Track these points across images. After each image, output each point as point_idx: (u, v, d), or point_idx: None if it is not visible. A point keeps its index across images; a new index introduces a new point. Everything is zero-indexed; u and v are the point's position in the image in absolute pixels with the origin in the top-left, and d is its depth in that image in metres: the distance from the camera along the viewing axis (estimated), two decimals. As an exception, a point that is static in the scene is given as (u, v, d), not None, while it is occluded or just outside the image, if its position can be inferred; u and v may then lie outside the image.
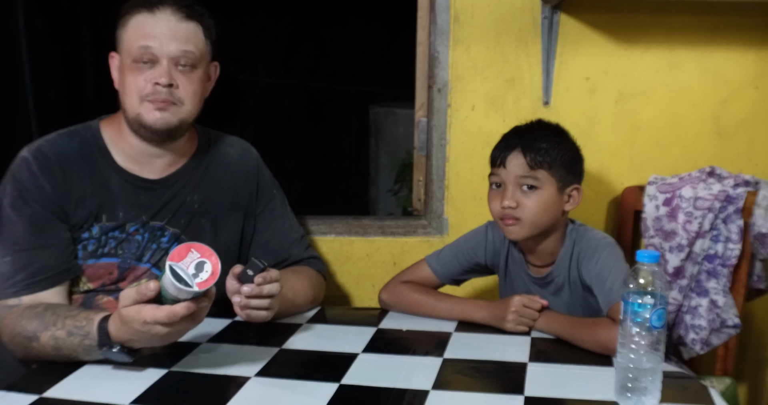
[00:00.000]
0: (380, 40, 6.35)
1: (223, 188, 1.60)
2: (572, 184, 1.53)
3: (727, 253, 1.76)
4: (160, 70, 1.41)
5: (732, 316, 1.76)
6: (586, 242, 1.52)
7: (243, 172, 1.65)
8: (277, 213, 1.69)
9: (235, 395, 1.15)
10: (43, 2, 3.96)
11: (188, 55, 1.43)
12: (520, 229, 1.50)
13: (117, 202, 1.49)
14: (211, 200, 1.58)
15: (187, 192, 1.55)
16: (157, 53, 1.41)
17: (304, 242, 1.73)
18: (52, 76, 4.00)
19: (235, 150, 1.66)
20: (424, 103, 2.01)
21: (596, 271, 1.46)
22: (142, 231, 1.51)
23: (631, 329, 1.09)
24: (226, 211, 1.60)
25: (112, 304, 1.46)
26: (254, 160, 1.69)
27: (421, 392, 1.16)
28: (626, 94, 1.95)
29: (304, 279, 1.62)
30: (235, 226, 1.62)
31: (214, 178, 1.60)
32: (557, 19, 1.89)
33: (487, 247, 1.65)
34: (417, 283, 1.64)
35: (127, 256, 1.49)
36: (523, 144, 1.50)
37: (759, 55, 1.94)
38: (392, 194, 4.05)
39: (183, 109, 1.45)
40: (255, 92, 6.36)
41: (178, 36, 1.42)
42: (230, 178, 1.62)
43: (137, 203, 1.50)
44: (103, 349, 1.23)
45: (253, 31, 6.21)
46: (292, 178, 6.10)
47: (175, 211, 1.54)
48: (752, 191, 1.75)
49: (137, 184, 1.51)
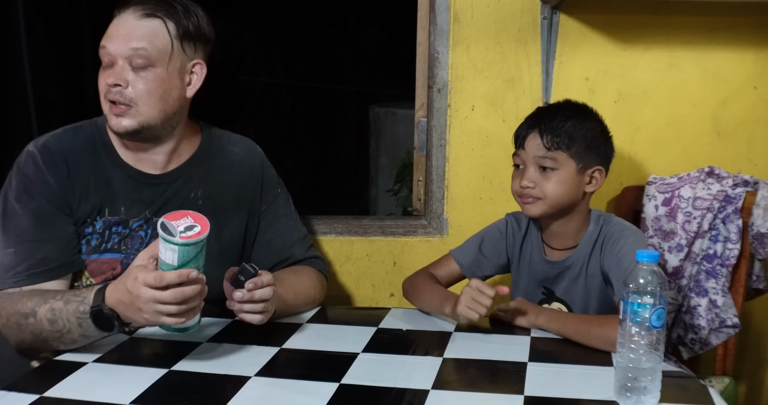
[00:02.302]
0: (380, 40, 6.35)
1: (226, 186, 1.60)
2: (594, 166, 1.53)
3: (726, 253, 1.76)
4: (113, 70, 1.41)
5: (731, 315, 1.76)
6: (613, 227, 1.52)
7: (247, 171, 1.64)
8: (280, 212, 1.69)
9: (235, 395, 1.15)
10: (43, 2, 3.96)
11: (140, 52, 1.40)
12: (537, 207, 1.51)
13: (119, 197, 1.49)
14: (214, 198, 1.58)
15: (190, 188, 1.55)
16: (112, 53, 1.41)
17: (307, 242, 1.73)
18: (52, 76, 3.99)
19: (240, 148, 1.66)
20: (424, 103, 2.01)
21: (618, 257, 1.46)
22: (145, 227, 1.51)
23: (630, 329, 1.09)
24: (230, 208, 1.60)
25: None
26: (259, 158, 1.68)
27: (421, 392, 1.17)
28: (626, 94, 1.96)
29: (304, 279, 1.62)
30: (238, 224, 1.62)
31: (217, 175, 1.60)
32: (557, 19, 1.89)
33: (507, 238, 1.65)
34: (432, 274, 1.65)
35: (130, 252, 1.50)
36: (541, 125, 1.51)
37: (758, 56, 1.94)
38: (392, 194, 4.05)
39: (140, 111, 1.43)
40: (255, 92, 6.36)
41: (133, 35, 1.41)
42: (234, 175, 1.62)
43: (139, 199, 1.50)
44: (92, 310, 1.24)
45: (254, 31, 6.21)
46: (292, 178, 6.10)
47: (178, 207, 1.52)
48: (751, 191, 1.75)
49: (140, 180, 1.51)
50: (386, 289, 2.04)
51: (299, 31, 6.25)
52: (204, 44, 1.51)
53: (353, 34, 6.38)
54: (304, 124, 6.41)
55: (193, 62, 1.49)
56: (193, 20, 1.47)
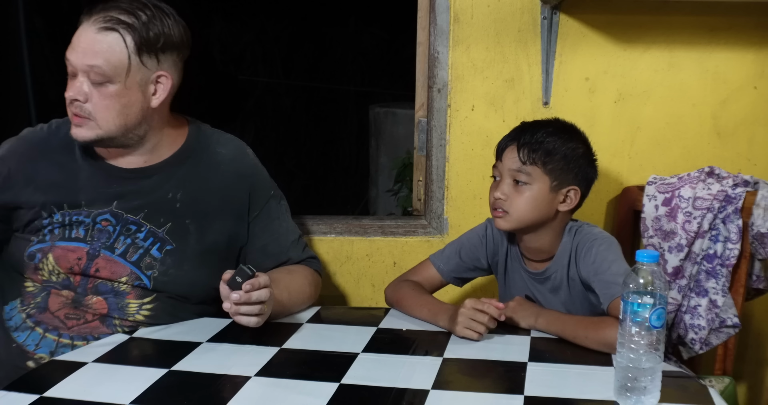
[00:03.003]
0: (380, 40, 6.35)
1: (211, 188, 1.57)
2: (570, 185, 1.52)
3: (726, 252, 1.76)
4: (72, 83, 1.43)
5: (731, 315, 1.76)
6: (583, 237, 1.52)
7: (234, 173, 1.60)
8: (273, 215, 1.66)
9: (235, 395, 1.15)
10: (43, 2, 3.96)
11: (95, 69, 1.40)
12: (506, 222, 1.51)
13: (83, 191, 1.49)
14: (197, 200, 1.54)
15: (168, 188, 1.52)
16: (75, 66, 1.42)
17: (302, 243, 1.71)
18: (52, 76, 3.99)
19: (228, 150, 1.62)
20: (424, 103, 2.01)
21: (594, 266, 1.46)
22: (113, 222, 1.49)
23: (630, 329, 1.09)
24: (214, 211, 1.56)
25: (102, 304, 1.46)
26: (248, 160, 1.65)
27: (421, 392, 1.17)
28: (626, 94, 1.96)
29: (299, 278, 1.61)
30: (222, 228, 1.57)
31: (201, 177, 1.56)
32: (557, 19, 1.89)
33: (487, 244, 1.65)
34: (416, 283, 1.64)
35: (96, 245, 1.47)
36: (521, 138, 1.51)
37: (758, 56, 1.94)
38: (392, 194, 4.05)
39: (98, 125, 1.44)
40: (255, 92, 6.35)
41: (90, 49, 1.40)
42: (220, 178, 1.58)
43: (106, 192, 1.49)
44: None
45: (254, 32, 6.21)
46: (292, 178, 6.09)
47: (153, 206, 1.51)
48: (751, 191, 1.75)
49: (111, 173, 1.51)
50: (386, 289, 2.04)
51: (299, 31, 6.24)
52: (172, 53, 1.46)
53: (353, 34, 6.37)
54: (304, 124, 6.40)
55: (156, 74, 1.46)
56: (157, 30, 1.42)
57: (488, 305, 1.40)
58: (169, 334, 1.43)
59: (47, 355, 1.43)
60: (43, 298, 1.46)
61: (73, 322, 1.45)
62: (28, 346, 1.44)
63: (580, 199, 1.54)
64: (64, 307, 1.45)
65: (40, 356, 1.43)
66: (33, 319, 1.45)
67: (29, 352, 1.44)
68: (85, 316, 1.45)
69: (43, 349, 1.44)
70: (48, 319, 1.45)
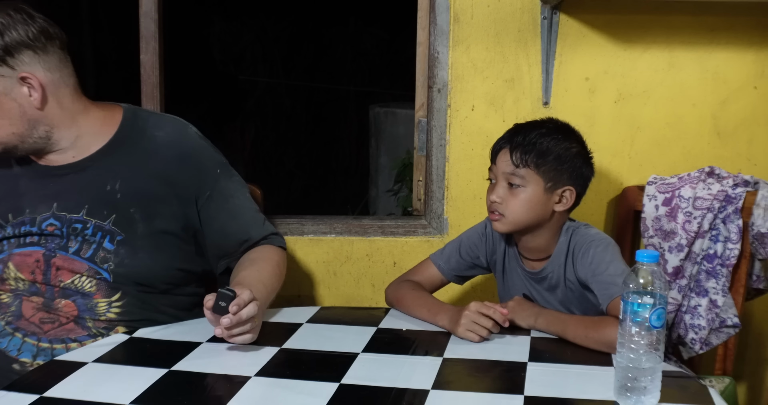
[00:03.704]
0: (380, 40, 6.36)
1: (150, 174, 1.51)
2: (565, 185, 1.51)
3: (726, 252, 1.76)
4: None
5: (731, 315, 1.76)
6: (580, 238, 1.52)
7: (175, 156, 1.54)
8: (226, 193, 1.58)
9: (235, 395, 1.15)
10: (43, 2, 3.96)
11: None
12: (502, 225, 1.52)
13: (24, 198, 1.48)
14: (137, 188, 1.50)
15: (105, 180, 1.49)
16: None
17: (260, 217, 1.63)
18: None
19: (166, 132, 1.56)
20: (424, 103, 2.01)
21: (591, 267, 1.46)
22: (59, 225, 1.46)
23: (630, 329, 1.09)
24: (157, 197, 1.51)
25: (71, 306, 1.45)
26: (190, 141, 1.58)
27: (421, 392, 1.17)
28: (626, 94, 1.96)
29: (267, 266, 1.55)
30: (170, 211, 1.52)
31: (139, 164, 1.51)
32: (557, 19, 1.89)
33: (486, 242, 1.65)
34: (416, 282, 1.64)
35: (51, 246, 1.46)
36: (512, 141, 1.51)
37: (758, 56, 1.94)
38: (392, 194, 4.06)
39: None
40: (255, 92, 6.36)
41: None
42: (159, 162, 1.52)
43: (45, 193, 1.47)
44: None
45: (254, 32, 6.21)
46: (292, 178, 6.10)
47: (94, 201, 1.47)
48: (751, 191, 1.75)
49: (45, 174, 1.49)
50: (386, 289, 2.04)
51: (299, 31, 6.25)
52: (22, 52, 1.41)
53: (353, 34, 6.38)
54: (304, 124, 6.41)
55: (19, 77, 1.41)
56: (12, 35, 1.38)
57: (494, 310, 1.40)
58: (169, 334, 1.43)
59: (30, 359, 1.43)
60: (17, 306, 1.45)
61: (48, 325, 1.44)
62: (10, 352, 1.44)
63: (576, 199, 1.54)
64: (38, 313, 1.45)
65: (24, 360, 1.44)
66: (12, 326, 1.45)
67: (12, 359, 1.44)
68: (59, 319, 1.45)
69: (26, 354, 1.44)
70: (25, 325, 1.45)
